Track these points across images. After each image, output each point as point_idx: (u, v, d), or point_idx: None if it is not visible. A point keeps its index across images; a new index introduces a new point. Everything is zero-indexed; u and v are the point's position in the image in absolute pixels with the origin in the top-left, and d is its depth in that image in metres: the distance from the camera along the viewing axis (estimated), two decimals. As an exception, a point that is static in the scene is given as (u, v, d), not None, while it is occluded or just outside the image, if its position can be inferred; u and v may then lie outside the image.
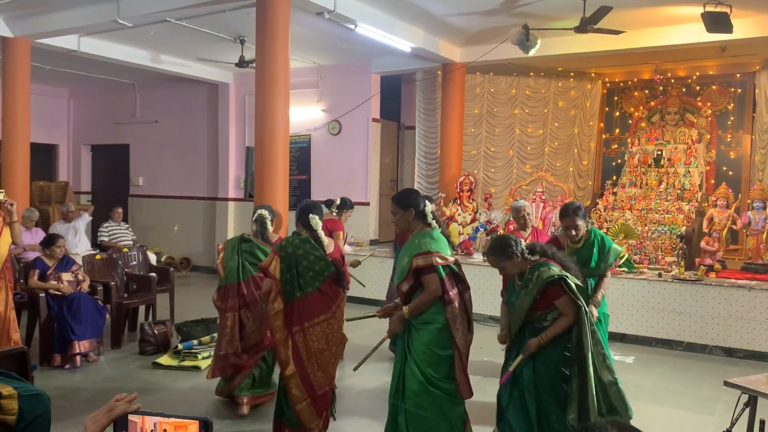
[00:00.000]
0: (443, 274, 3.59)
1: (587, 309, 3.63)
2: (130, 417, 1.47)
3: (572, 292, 3.57)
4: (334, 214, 6.46)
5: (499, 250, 3.68)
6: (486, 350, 6.25)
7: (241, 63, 9.08)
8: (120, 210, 9.56)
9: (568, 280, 3.59)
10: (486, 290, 7.91)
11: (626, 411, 3.70)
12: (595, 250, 4.54)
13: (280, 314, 4.08)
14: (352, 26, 7.60)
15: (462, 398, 3.67)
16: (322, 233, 4.16)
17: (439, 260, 3.59)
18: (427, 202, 3.82)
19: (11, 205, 5.21)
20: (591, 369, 3.53)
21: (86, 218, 9.31)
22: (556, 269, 3.62)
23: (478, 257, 8.51)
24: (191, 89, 11.92)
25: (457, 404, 3.68)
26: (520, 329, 3.74)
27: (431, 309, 3.61)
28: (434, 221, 3.75)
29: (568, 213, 4.51)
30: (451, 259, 3.67)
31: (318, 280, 4.09)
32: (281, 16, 6.65)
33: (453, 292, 3.60)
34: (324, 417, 4.18)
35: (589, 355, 3.54)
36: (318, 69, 10.70)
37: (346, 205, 6.59)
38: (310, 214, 4.14)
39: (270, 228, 5.10)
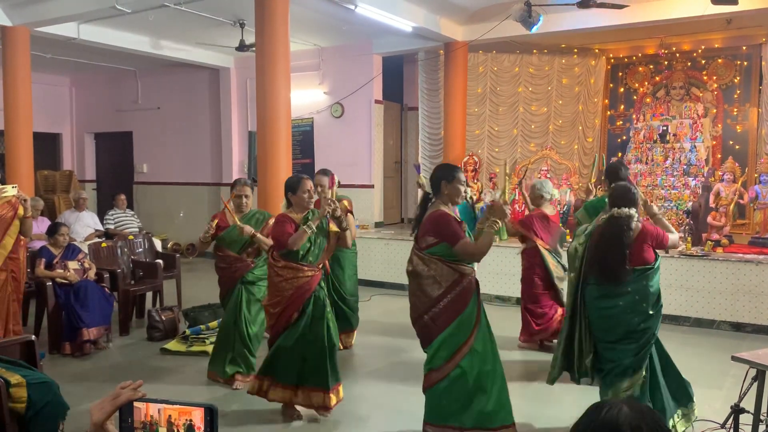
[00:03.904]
0: None
1: None
2: (135, 404, 1.47)
3: None
4: None
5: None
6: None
7: (242, 47, 9.01)
8: (123, 197, 9.57)
9: None
10: (491, 270, 7.92)
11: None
12: None
13: None
14: (352, 6, 7.52)
15: None
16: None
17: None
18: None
19: (24, 200, 5.23)
20: None
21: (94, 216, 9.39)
22: None
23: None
24: (192, 75, 11.86)
25: None
26: None
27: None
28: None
29: None
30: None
31: None
32: (280, -2, 6.59)
33: None
34: None
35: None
36: (319, 51, 10.62)
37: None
38: None
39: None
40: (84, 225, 9.02)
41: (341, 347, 5.96)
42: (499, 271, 7.97)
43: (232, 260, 5.12)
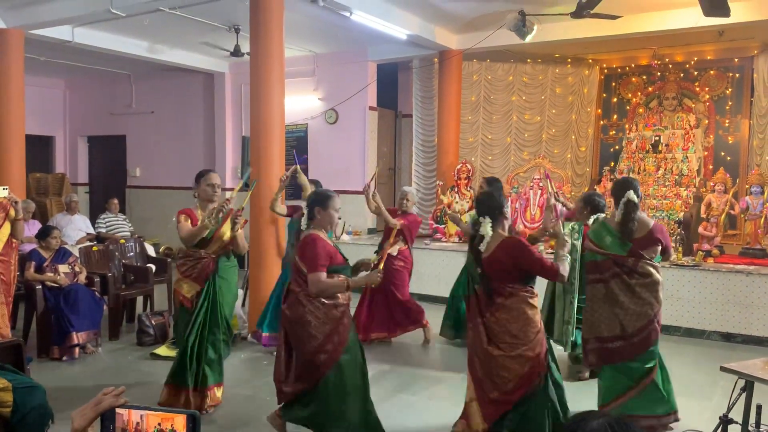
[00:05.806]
0: None
1: None
2: (117, 410, 1.46)
3: None
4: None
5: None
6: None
7: (236, 52, 9.03)
8: (116, 201, 9.57)
9: None
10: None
11: None
12: None
13: None
14: (348, 13, 7.55)
15: None
16: None
17: None
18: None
19: (15, 203, 5.20)
20: None
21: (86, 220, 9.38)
22: None
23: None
24: (187, 79, 11.86)
25: None
26: None
27: None
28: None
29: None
30: None
31: None
32: (275, 3, 6.61)
33: None
34: None
35: None
36: (314, 57, 10.64)
37: None
38: None
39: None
40: (75, 228, 9.00)
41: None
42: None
43: None
